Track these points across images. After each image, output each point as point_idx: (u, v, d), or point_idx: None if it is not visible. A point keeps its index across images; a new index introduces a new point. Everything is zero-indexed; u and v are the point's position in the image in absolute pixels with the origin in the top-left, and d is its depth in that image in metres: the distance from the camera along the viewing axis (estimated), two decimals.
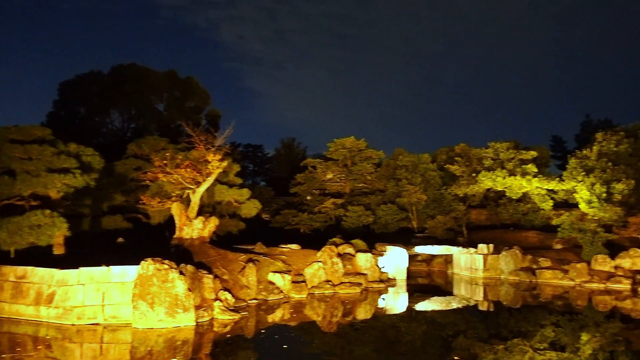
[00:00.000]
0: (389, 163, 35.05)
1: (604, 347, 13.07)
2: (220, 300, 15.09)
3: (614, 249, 24.12)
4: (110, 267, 13.90)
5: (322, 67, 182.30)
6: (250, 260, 18.06)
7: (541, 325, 15.75)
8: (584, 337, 14.42)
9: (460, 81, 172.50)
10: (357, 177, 34.07)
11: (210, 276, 15.38)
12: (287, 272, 19.02)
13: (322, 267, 20.04)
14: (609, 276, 22.77)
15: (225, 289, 15.88)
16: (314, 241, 23.20)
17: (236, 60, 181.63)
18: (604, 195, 24.41)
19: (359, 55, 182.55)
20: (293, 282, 18.86)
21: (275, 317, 15.95)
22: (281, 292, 18.26)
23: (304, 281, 19.41)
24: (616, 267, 23.17)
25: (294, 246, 21.65)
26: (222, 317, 14.60)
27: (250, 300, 17.05)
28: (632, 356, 12.31)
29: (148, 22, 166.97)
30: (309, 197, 34.67)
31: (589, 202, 24.53)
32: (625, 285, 21.98)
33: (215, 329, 13.76)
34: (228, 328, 13.91)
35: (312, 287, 19.48)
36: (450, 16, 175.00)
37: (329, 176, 34.63)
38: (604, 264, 23.46)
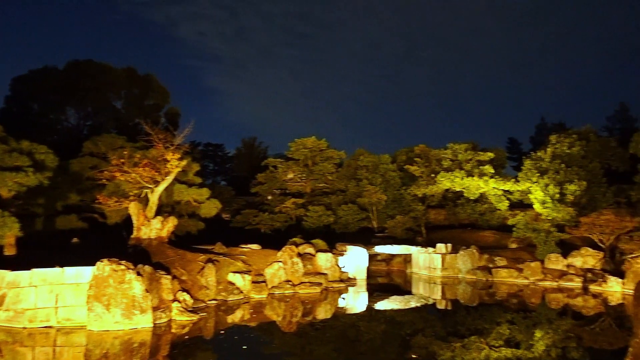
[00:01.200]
0: (350, 163, 35.28)
1: (557, 343, 13.46)
2: (179, 301, 14.88)
3: (566, 248, 24.90)
4: (64, 268, 13.51)
5: (283, 66, 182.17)
6: (209, 261, 17.86)
7: (497, 323, 16.11)
8: (538, 334, 14.81)
9: (420, 83, 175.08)
10: (318, 177, 34.12)
11: (169, 277, 15.14)
12: (247, 272, 18.90)
13: (282, 267, 19.99)
14: (562, 274, 23.47)
15: (184, 290, 15.67)
16: (274, 241, 23.12)
17: (196, 57, 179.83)
18: (557, 196, 25.16)
19: (320, 55, 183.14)
20: (253, 282, 18.75)
21: (235, 317, 15.83)
22: (241, 292, 18.13)
23: (264, 281, 19.32)
24: (568, 266, 23.91)
25: (254, 246, 21.53)
26: (180, 318, 14.40)
27: (210, 300, 16.87)
28: (583, 352, 12.73)
29: (106, 17, 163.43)
30: (269, 197, 34.54)
31: (543, 202, 25.26)
32: (576, 283, 22.70)
33: (173, 330, 13.55)
34: (186, 329, 13.73)
35: (273, 287, 19.41)
36: (410, 18, 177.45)
37: (290, 176, 34.58)
38: (556, 262, 24.18)
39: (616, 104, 52.78)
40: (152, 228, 18.06)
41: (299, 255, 21.09)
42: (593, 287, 21.84)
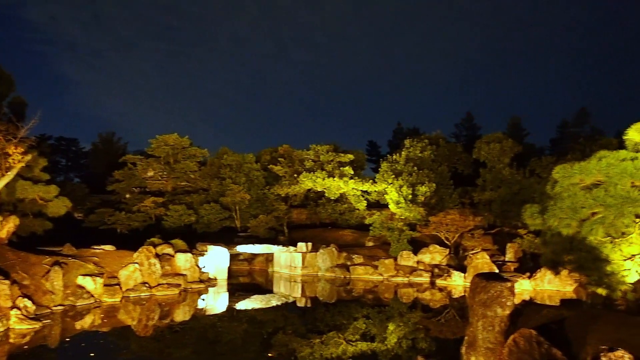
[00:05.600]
0: (214, 162, 34.76)
1: (407, 335, 14.32)
2: (19, 308, 13.59)
3: (417, 246, 26.65)
4: None
5: (145, 58, 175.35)
6: (56, 263, 16.54)
7: (354, 318, 16.75)
8: (391, 327, 15.64)
9: (286, 83, 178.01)
10: (179, 176, 33.17)
11: (7, 282, 13.76)
12: (100, 274, 17.79)
13: (138, 269, 19.10)
14: (412, 270, 25.03)
15: (25, 296, 14.34)
16: (132, 242, 22.07)
17: (47, 43, 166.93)
18: (410, 196, 26.83)
19: (186, 49, 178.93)
20: (106, 285, 17.70)
21: (84, 323, 14.80)
22: (92, 296, 17.03)
23: (118, 284, 18.31)
24: (418, 262, 25.58)
25: (108, 247, 20.35)
26: (20, 326, 13.16)
27: (55, 306, 15.62)
28: (430, 342, 13.64)
29: None
30: (127, 195, 32.90)
31: (397, 202, 26.78)
32: (425, 278, 24.34)
33: (11, 340, 12.34)
34: (27, 338, 12.57)
35: (127, 290, 18.47)
36: (279, 19, 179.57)
37: (150, 174, 33.22)
38: (408, 259, 25.74)
39: (464, 113, 57.60)
40: None
41: (157, 256, 20.32)
42: (439, 282, 23.57)
